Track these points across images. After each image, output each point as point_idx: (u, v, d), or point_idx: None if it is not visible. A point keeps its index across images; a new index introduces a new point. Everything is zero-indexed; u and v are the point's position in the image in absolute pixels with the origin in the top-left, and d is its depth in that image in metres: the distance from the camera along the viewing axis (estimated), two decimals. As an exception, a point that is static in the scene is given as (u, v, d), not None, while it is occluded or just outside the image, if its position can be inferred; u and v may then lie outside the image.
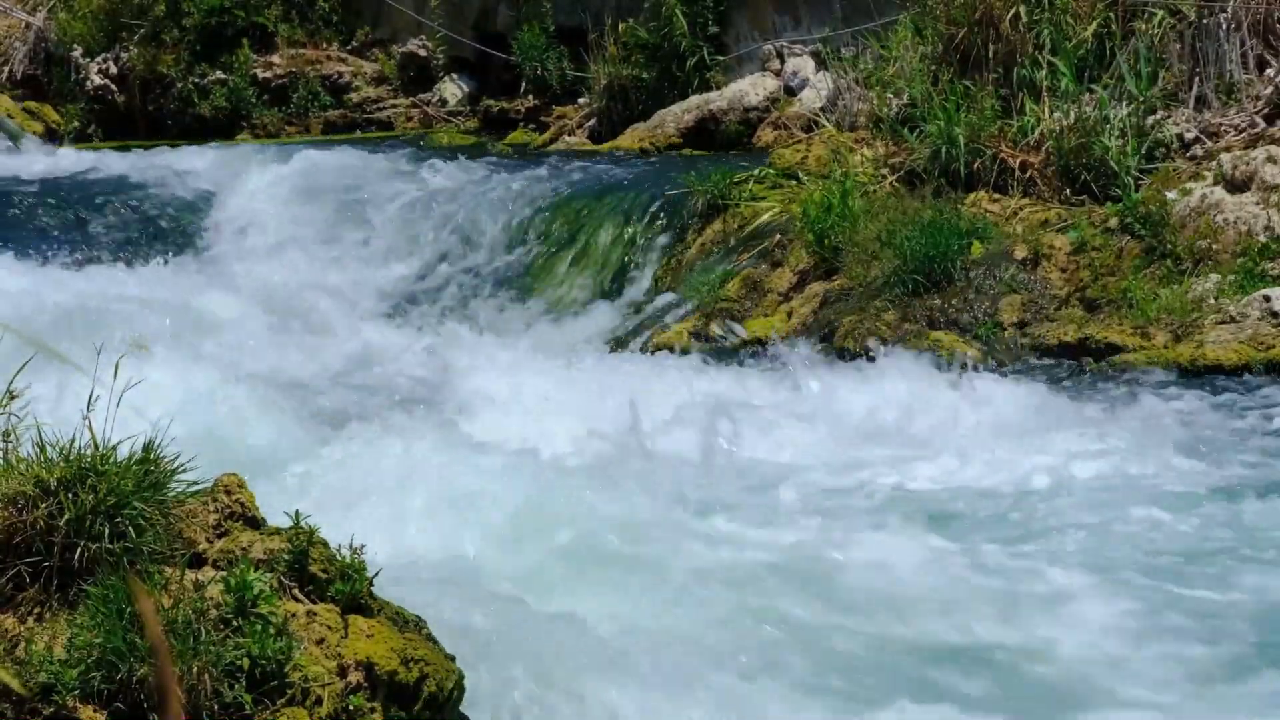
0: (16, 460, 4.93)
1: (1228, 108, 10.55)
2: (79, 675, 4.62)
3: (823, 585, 6.14)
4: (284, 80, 16.49)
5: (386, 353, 10.30)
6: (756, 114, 13.68)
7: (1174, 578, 6.37)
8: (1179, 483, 7.42)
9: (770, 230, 10.97)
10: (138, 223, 13.16)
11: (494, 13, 16.15)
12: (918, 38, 11.83)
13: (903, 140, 11.18)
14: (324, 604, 5.08)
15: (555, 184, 12.72)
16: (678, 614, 5.86)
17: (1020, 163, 10.60)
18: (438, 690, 5.11)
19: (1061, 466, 7.57)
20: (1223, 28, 10.68)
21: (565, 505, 6.61)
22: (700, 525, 6.78)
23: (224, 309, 11.06)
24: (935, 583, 6.22)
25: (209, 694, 4.68)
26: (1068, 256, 9.77)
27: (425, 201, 12.96)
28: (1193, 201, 9.74)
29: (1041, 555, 6.53)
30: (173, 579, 4.89)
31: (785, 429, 8.20)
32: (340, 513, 6.01)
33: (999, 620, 5.93)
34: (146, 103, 16.60)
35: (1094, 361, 9.08)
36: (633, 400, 8.10)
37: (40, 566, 4.84)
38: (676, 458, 7.75)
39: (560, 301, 11.64)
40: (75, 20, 16.83)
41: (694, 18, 14.31)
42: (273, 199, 13.25)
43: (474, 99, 16.15)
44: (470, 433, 7.92)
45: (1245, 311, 9.02)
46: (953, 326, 9.53)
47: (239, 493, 5.25)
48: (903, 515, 6.93)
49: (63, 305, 10.32)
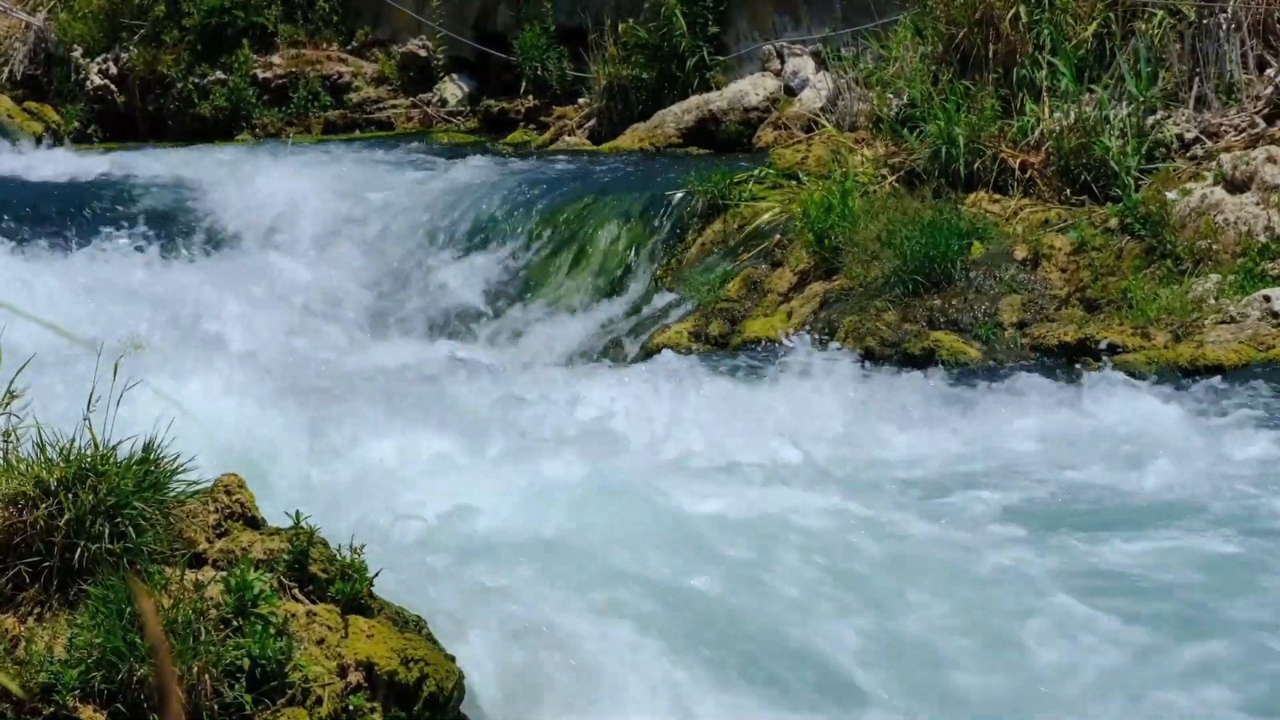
0: (16, 460, 4.94)
1: (1228, 108, 10.55)
2: (79, 675, 4.62)
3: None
4: (284, 80, 16.49)
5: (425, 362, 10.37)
6: (756, 114, 13.68)
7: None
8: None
9: (770, 230, 10.97)
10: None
11: (494, 13, 16.15)
12: (918, 38, 11.83)
13: (903, 140, 11.18)
14: (324, 604, 5.08)
15: (555, 184, 12.72)
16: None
17: (1020, 163, 10.60)
18: (438, 690, 5.11)
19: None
20: (1223, 28, 10.68)
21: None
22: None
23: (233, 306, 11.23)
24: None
25: (209, 694, 4.68)
26: (1068, 256, 9.77)
27: (426, 202, 12.97)
28: (1193, 202, 9.74)
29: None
30: (173, 579, 4.89)
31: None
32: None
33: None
34: (146, 103, 16.60)
35: (1094, 361, 9.08)
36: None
37: (40, 566, 4.84)
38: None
39: (560, 302, 11.64)
40: (75, 20, 16.83)
41: (694, 18, 14.31)
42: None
43: (474, 99, 16.15)
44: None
45: (1245, 311, 9.02)
46: (953, 327, 9.53)
47: (239, 493, 5.26)
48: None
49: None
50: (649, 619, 5.76)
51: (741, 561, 6.32)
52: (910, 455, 8.01)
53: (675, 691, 5.45)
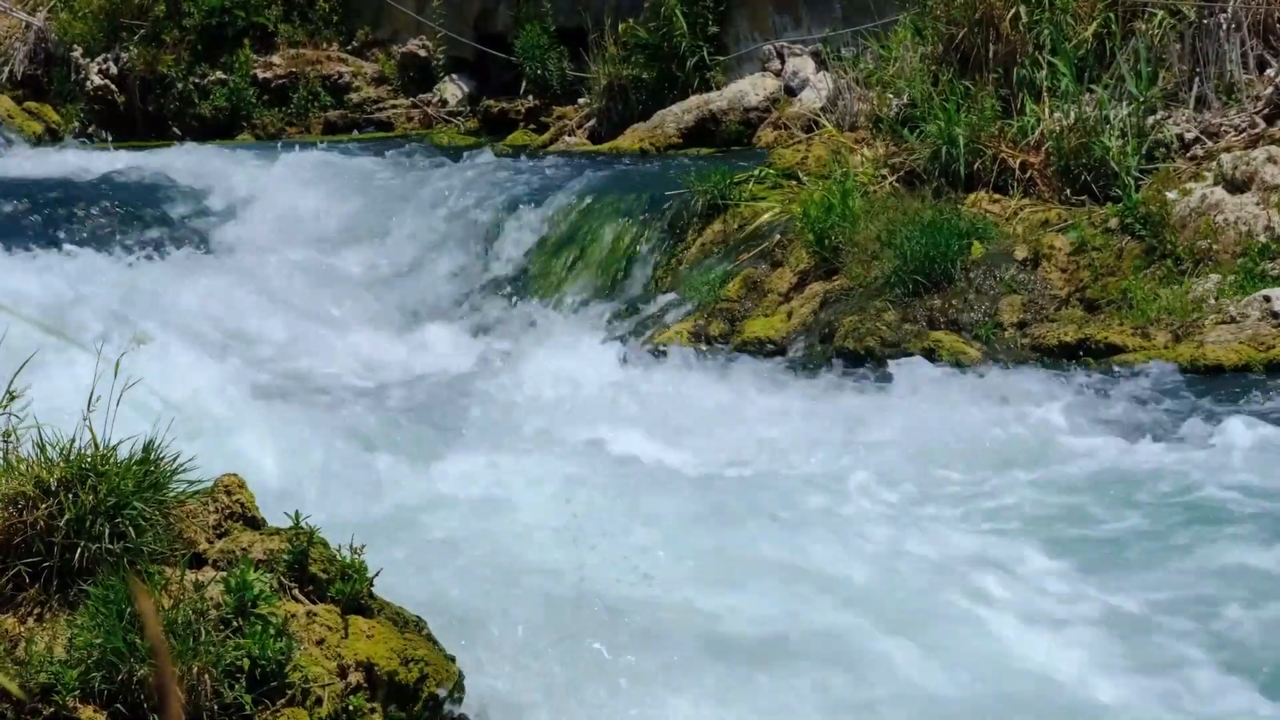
0: (17, 460, 4.93)
1: (1228, 108, 10.55)
2: (79, 675, 4.62)
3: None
4: (284, 80, 16.49)
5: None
6: (756, 114, 13.67)
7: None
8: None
9: (770, 230, 10.97)
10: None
11: (494, 13, 16.15)
12: (918, 38, 11.83)
13: (903, 140, 11.18)
14: (324, 604, 5.08)
15: (555, 184, 12.71)
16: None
17: (1020, 163, 10.59)
18: (438, 690, 5.11)
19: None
20: (1223, 28, 10.68)
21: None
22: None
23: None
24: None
25: (209, 694, 4.68)
26: (1068, 257, 9.77)
27: (423, 202, 12.98)
28: (1193, 202, 9.74)
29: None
30: (173, 579, 4.89)
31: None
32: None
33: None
34: (146, 103, 16.59)
35: (1094, 361, 9.08)
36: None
37: (40, 567, 4.84)
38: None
39: (560, 301, 11.64)
40: (75, 20, 16.82)
41: (694, 18, 14.30)
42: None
43: (474, 99, 16.14)
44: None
45: (1245, 312, 9.02)
46: (953, 327, 9.53)
47: (239, 493, 5.26)
48: None
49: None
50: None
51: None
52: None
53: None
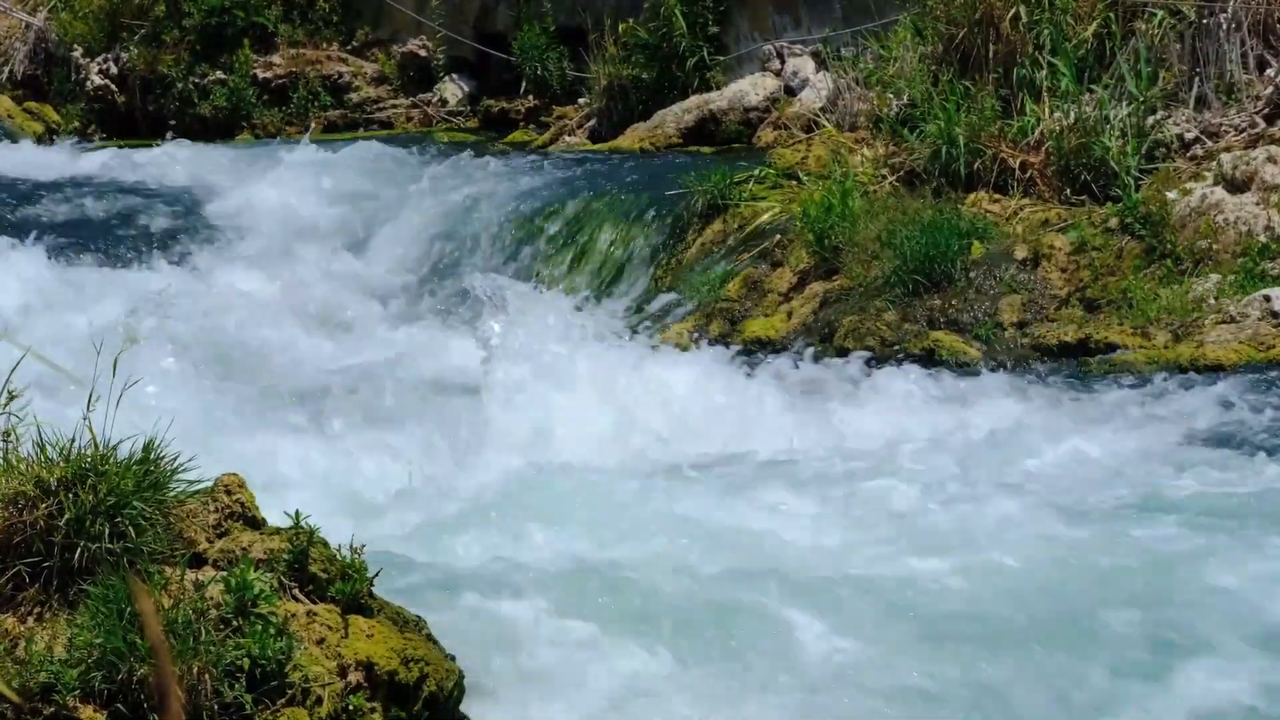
0: (16, 460, 4.93)
1: (1228, 108, 10.54)
2: (79, 675, 4.62)
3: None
4: (284, 80, 16.48)
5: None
6: (756, 114, 13.67)
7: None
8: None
9: (770, 230, 10.97)
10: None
11: (494, 13, 16.15)
12: (918, 38, 11.83)
13: (903, 140, 11.18)
14: (324, 604, 5.08)
15: (555, 184, 12.72)
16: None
17: (1020, 163, 10.59)
18: (438, 690, 5.12)
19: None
20: (1223, 28, 10.67)
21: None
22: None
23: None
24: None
25: (209, 694, 4.68)
26: (1068, 256, 9.77)
27: (423, 203, 12.98)
28: (1193, 201, 9.74)
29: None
30: (173, 579, 4.89)
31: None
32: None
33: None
34: (146, 103, 16.59)
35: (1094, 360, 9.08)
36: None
37: (40, 566, 4.84)
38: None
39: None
40: (75, 20, 16.82)
41: (694, 18, 14.30)
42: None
43: (474, 99, 16.14)
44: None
45: (1245, 311, 9.02)
46: (953, 327, 9.53)
47: (239, 493, 5.26)
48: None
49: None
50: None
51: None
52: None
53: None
